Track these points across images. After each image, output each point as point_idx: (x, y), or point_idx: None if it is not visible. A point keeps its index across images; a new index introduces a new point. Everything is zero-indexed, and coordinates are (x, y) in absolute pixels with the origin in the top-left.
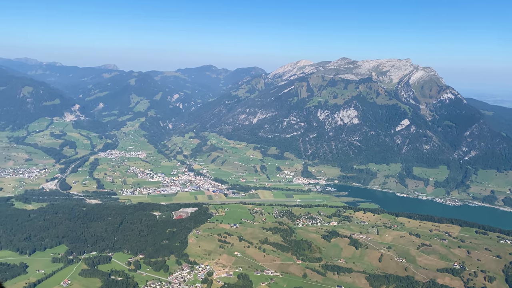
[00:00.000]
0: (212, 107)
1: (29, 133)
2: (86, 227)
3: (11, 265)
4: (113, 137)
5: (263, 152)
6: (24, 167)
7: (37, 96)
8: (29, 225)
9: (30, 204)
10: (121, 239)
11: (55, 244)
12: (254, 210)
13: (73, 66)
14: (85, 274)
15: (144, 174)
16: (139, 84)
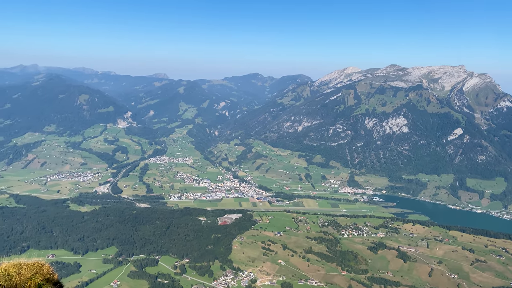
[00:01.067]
0: (257, 115)
1: (85, 139)
2: (135, 230)
3: (66, 264)
4: (162, 143)
5: (308, 160)
6: (79, 171)
7: (92, 103)
8: (82, 226)
9: (84, 206)
10: (168, 242)
11: (106, 245)
12: (298, 218)
13: (126, 75)
14: (133, 276)
15: (190, 180)
16: (187, 92)
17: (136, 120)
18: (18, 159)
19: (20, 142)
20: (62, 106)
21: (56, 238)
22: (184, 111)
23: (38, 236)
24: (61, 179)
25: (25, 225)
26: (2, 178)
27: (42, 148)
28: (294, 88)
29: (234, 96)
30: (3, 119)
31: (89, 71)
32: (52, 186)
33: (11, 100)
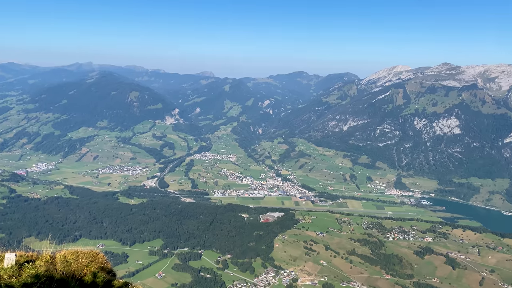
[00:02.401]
0: (301, 113)
1: (135, 134)
2: (180, 224)
3: (115, 254)
4: (207, 140)
5: (353, 160)
6: (129, 165)
7: (142, 100)
8: (131, 218)
9: (132, 199)
10: (211, 237)
11: (152, 238)
12: (341, 219)
13: (174, 73)
14: (177, 269)
15: (234, 177)
16: (232, 90)
17: (183, 117)
18: (73, 152)
19: (75, 136)
20: (114, 102)
21: (106, 228)
22: (229, 108)
23: (90, 226)
24: (111, 173)
25: (78, 215)
26: (58, 170)
27: (95, 142)
28: (340, 87)
29: (279, 94)
30: (60, 114)
31: (139, 69)
32: (103, 179)
33: (68, 96)
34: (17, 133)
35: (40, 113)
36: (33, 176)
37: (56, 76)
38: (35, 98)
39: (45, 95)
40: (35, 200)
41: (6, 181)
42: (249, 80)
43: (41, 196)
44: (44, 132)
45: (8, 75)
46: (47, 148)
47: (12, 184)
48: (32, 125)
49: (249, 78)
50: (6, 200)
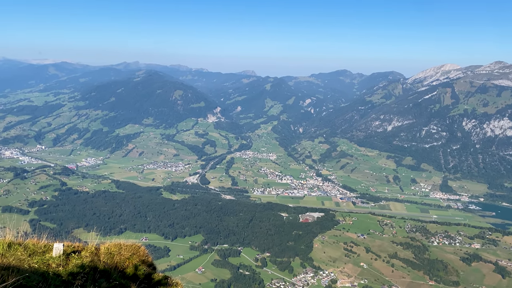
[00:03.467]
0: (343, 113)
1: (178, 132)
2: (220, 221)
3: (157, 248)
4: (248, 138)
5: (397, 161)
6: (172, 161)
7: (186, 98)
8: (173, 213)
9: (175, 194)
10: (250, 235)
11: (193, 233)
12: (383, 222)
13: (217, 72)
14: (217, 265)
15: (274, 175)
16: (273, 89)
17: (225, 115)
18: (120, 148)
19: (122, 133)
20: (159, 100)
21: (150, 222)
22: (269, 107)
23: (134, 219)
24: (155, 168)
25: (123, 208)
26: (105, 165)
27: (141, 139)
28: (385, 86)
29: (320, 93)
30: (108, 111)
31: (184, 68)
32: (148, 174)
33: (116, 94)
34: (68, 129)
35: (90, 110)
36: (83, 170)
37: (105, 75)
38: (85, 96)
39: (95, 93)
40: (84, 193)
41: (58, 174)
42: (291, 78)
43: (90, 189)
44: (93, 129)
45: (61, 74)
46: (96, 143)
47: (63, 177)
48: (83, 122)
49: (290, 77)
50: (58, 193)
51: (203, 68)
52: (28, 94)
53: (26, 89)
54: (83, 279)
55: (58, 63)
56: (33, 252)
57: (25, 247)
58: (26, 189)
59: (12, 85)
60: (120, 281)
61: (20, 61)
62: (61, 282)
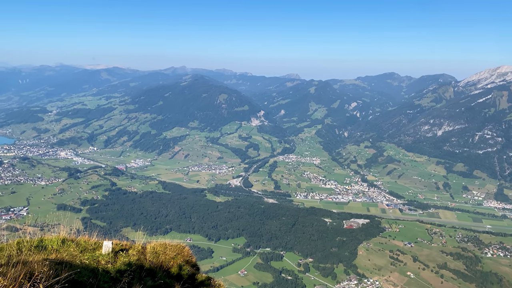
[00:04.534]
0: (391, 117)
1: (222, 135)
2: (262, 224)
3: (201, 248)
4: (291, 142)
5: (448, 168)
6: (216, 164)
7: (230, 102)
8: (216, 215)
9: (218, 197)
10: (293, 240)
11: (236, 235)
12: (432, 230)
13: (261, 76)
14: (259, 268)
15: (317, 180)
16: (318, 92)
17: (268, 119)
18: (167, 150)
19: (169, 136)
20: (204, 104)
21: (194, 223)
22: (314, 111)
23: (179, 220)
24: (200, 170)
25: (169, 209)
26: (153, 166)
27: (186, 141)
28: (435, 89)
29: (367, 96)
30: (156, 114)
31: (228, 72)
32: (193, 176)
33: (163, 98)
34: (119, 131)
35: (139, 113)
36: (131, 171)
37: (154, 79)
38: (135, 100)
39: (144, 96)
40: (132, 193)
41: (108, 175)
42: (336, 82)
43: (138, 190)
44: (142, 131)
45: (113, 78)
46: (144, 145)
47: (113, 177)
48: (132, 124)
49: (335, 80)
50: (108, 192)
51: (247, 72)
52: (82, 98)
53: (81, 93)
54: (130, 276)
55: (110, 68)
56: (84, 249)
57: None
58: (79, 188)
59: (67, 89)
60: (165, 280)
61: (75, 67)
62: (110, 278)
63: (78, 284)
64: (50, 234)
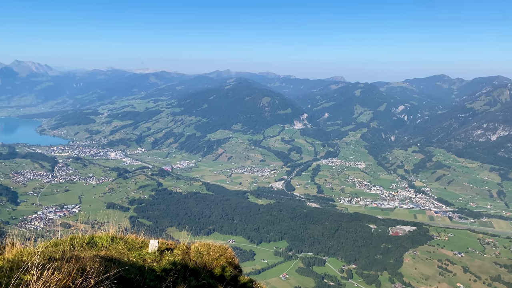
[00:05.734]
0: (440, 120)
1: (265, 138)
2: (305, 228)
3: (243, 250)
4: (334, 146)
5: (502, 175)
6: (258, 166)
7: (273, 105)
8: (258, 218)
9: (261, 199)
10: (336, 245)
11: (278, 239)
12: (485, 240)
13: (304, 79)
14: (301, 272)
15: (362, 185)
16: (363, 95)
17: (311, 122)
18: (210, 152)
19: (213, 138)
20: (247, 107)
21: (236, 225)
22: (359, 114)
23: (222, 221)
24: (243, 173)
25: (212, 210)
26: (197, 168)
27: (230, 144)
28: (489, 91)
29: (415, 99)
30: (201, 117)
31: (272, 75)
32: (235, 178)
33: (208, 101)
34: (165, 133)
35: (185, 116)
36: (177, 172)
37: (199, 83)
38: (181, 103)
39: (190, 100)
40: (177, 194)
41: (155, 175)
42: (382, 84)
43: (183, 190)
44: (188, 133)
45: (161, 82)
46: (189, 147)
47: (160, 178)
48: (178, 127)
49: (382, 83)
50: (154, 192)
51: (290, 75)
52: (132, 101)
53: (130, 96)
54: (174, 275)
55: (158, 72)
56: (131, 247)
57: (125, 241)
58: (127, 188)
59: (118, 93)
60: (208, 280)
61: (125, 71)
62: (155, 277)
63: (126, 281)
64: (100, 232)
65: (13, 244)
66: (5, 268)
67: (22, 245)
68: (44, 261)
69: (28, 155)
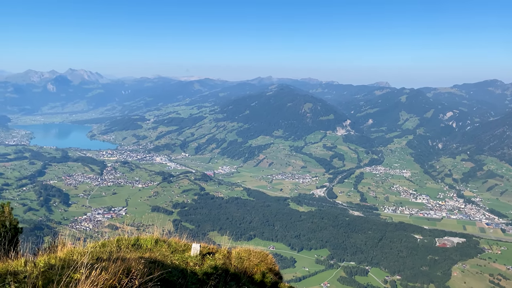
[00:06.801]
0: (492, 127)
1: (306, 144)
2: (347, 237)
3: (283, 257)
4: (379, 153)
5: None
6: (299, 173)
7: (315, 111)
8: (299, 225)
9: (301, 206)
10: (379, 255)
11: (319, 247)
12: None
13: (348, 84)
14: (342, 281)
15: (407, 194)
16: (409, 101)
17: (355, 128)
18: (252, 158)
19: (254, 144)
20: (289, 113)
21: (277, 232)
22: (404, 120)
23: (262, 227)
24: (283, 179)
25: (253, 216)
26: (238, 173)
27: (271, 150)
28: None
29: (464, 105)
30: (243, 123)
31: (314, 81)
32: (276, 184)
33: (250, 107)
34: (208, 139)
35: (227, 122)
36: (219, 177)
37: (241, 89)
38: (223, 109)
39: (232, 106)
40: (219, 198)
41: (198, 180)
42: (429, 90)
43: (224, 195)
44: (229, 139)
45: (204, 89)
46: (231, 153)
47: (202, 183)
48: (220, 133)
49: (429, 88)
50: (197, 197)
51: (333, 81)
52: (177, 107)
53: (175, 103)
54: (216, 280)
55: (202, 80)
56: (174, 250)
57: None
58: (171, 191)
59: (164, 100)
60: (248, 286)
61: (171, 78)
62: (197, 280)
63: (168, 283)
64: (145, 234)
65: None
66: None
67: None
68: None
69: (80, 159)
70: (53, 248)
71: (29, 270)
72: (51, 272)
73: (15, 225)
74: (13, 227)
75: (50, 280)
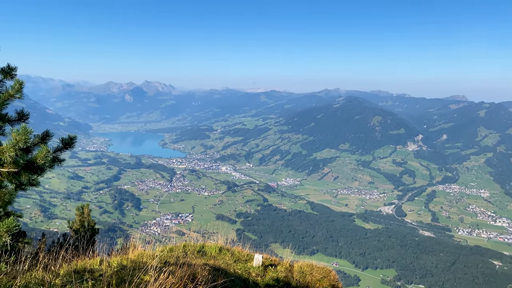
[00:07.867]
0: None
1: (374, 159)
2: (416, 258)
3: (347, 275)
4: (453, 171)
5: None
6: (366, 188)
7: (384, 125)
8: (365, 242)
9: (368, 223)
10: (452, 280)
11: (385, 266)
12: None
13: (420, 98)
14: None
15: (485, 216)
16: (489, 115)
17: (427, 143)
18: (316, 171)
19: (319, 157)
20: (356, 126)
21: (341, 248)
22: (483, 137)
23: (326, 243)
24: (349, 194)
25: (316, 230)
26: (302, 186)
27: (336, 163)
28: None
29: None
30: (308, 135)
31: (384, 94)
32: (341, 199)
33: (315, 119)
34: (272, 150)
35: (292, 134)
36: (282, 189)
37: (307, 102)
38: (288, 121)
39: (297, 118)
40: (282, 210)
41: (261, 191)
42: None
43: (287, 207)
44: (294, 151)
45: (270, 101)
46: (295, 165)
47: (266, 194)
48: (285, 144)
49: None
50: (260, 207)
51: (404, 94)
52: (243, 118)
53: (241, 114)
54: None
55: (268, 92)
56: (237, 259)
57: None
58: (235, 201)
59: (231, 111)
60: None
61: (238, 90)
62: None
63: None
64: (210, 242)
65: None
66: (128, 267)
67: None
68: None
69: (152, 166)
70: (125, 249)
71: (104, 269)
72: (123, 272)
73: (93, 226)
74: (91, 227)
75: (122, 280)
